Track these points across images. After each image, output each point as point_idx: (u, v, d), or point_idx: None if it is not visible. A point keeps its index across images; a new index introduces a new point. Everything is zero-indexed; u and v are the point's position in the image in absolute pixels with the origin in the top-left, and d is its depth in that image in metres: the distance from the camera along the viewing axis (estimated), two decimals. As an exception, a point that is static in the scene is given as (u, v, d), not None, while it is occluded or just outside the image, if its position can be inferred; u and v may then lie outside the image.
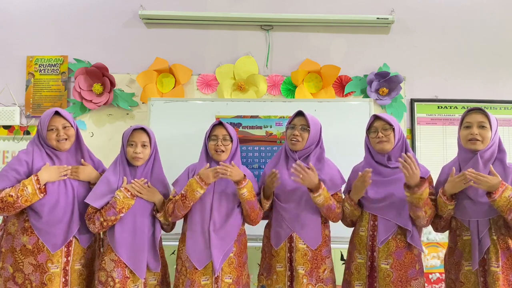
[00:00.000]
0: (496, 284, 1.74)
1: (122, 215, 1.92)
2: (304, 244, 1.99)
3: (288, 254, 2.00)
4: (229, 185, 2.02)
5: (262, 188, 2.09)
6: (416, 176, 1.82)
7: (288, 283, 1.99)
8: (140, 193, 1.96)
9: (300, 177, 1.90)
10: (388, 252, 1.92)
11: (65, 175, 1.96)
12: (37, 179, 1.87)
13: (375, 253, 1.95)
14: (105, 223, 1.92)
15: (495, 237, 1.79)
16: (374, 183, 1.97)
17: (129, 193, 1.93)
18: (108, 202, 1.93)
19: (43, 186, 1.89)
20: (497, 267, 1.76)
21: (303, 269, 1.97)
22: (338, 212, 2.01)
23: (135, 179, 1.97)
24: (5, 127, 3.09)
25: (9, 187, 1.87)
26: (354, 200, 2.00)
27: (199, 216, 1.99)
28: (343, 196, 2.09)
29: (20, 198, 1.83)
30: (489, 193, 1.76)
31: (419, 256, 1.96)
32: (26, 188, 1.84)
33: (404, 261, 1.91)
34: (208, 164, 1.97)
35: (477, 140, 1.81)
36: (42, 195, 1.88)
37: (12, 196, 1.82)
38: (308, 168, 1.93)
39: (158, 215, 2.01)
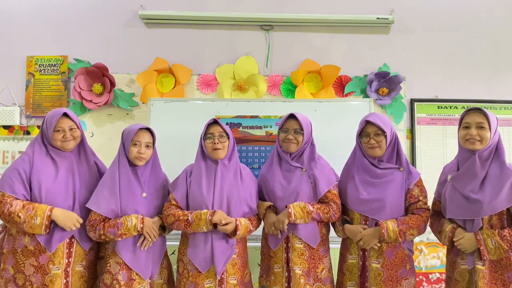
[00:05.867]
0: (481, 281, 1.75)
1: (120, 239, 1.90)
2: (301, 244, 1.99)
3: (285, 255, 2.00)
4: (232, 189, 2.01)
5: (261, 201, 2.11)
6: (371, 241, 1.90)
7: (286, 284, 1.98)
8: (150, 237, 1.94)
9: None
10: (380, 251, 1.93)
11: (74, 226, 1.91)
12: (49, 216, 1.84)
13: (366, 253, 1.96)
14: (103, 237, 1.90)
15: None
16: (365, 183, 1.98)
17: (141, 226, 1.90)
18: (112, 209, 1.92)
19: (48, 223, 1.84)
20: (483, 265, 1.77)
21: (300, 269, 1.96)
22: (328, 216, 2.00)
23: (153, 224, 1.96)
24: (5, 127, 3.09)
25: (20, 200, 1.85)
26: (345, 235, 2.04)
27: None
28: (336, 193, 2.05)
29: (26, 224, 1.82)
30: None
31: (410, 256, 1.97)
32: (36, 218, 1.82)
33: (394, 260, 1.92)
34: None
35: (476, 140, 1.81)
36: (45, 232, 1.84)
37: (20, 217, 1.81)
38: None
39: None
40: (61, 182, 1.94)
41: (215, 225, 1.91)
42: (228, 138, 2.03)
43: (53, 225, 1.88)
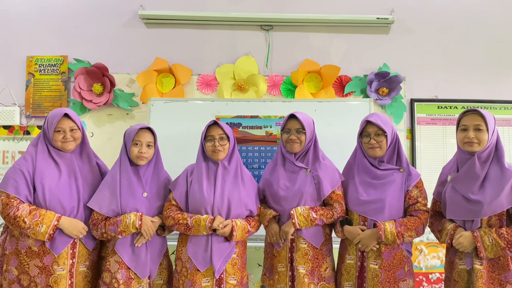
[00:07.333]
0: (479, 281, 1.75)
1: (121, 236, 1.91)
2: (305, 243, 1.99)
3: (289, 254, 2.00)
4: (233, 191, 2.01)
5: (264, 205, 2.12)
6: (369, 243, 1.91)
7: (290, 283, 1.99)
8: (147, 235, 1.94)
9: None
10: (378, 252, 1.93)
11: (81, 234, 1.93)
12: (55, 226, 1.85)
13: (364, 253, 1.96)
14: (105, 235, 1.92)
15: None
16: (365, 184, 1.99)
17: (139, 223, 1.90)
18: (112, 209, 1.93)
19: (53, 232, 1.85)
20: (480, 265, 1.77)
21: (304, 269, 1.97)
22: (331, 220, 2.02)
23: (153, 220, 1.96)
24: (5, 127, 3.09)
25: (27, 204, 1.86)
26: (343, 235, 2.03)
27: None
28: (340, 193, 2.06)
29: (30, 230, 1.83)
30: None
31: (408, 257, 1.97)
32: (41, 225, 1.82)
33: (392, 261, 1.92)
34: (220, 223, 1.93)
35: (474, 142, 1.81)
36: (48, 240, 1.85)
37: (25, 222, 1.82)
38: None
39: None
40: (65, 183, 1.94)
41: (214, 229, 1.92)
42: (229, 140, 2.02)
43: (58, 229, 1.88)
